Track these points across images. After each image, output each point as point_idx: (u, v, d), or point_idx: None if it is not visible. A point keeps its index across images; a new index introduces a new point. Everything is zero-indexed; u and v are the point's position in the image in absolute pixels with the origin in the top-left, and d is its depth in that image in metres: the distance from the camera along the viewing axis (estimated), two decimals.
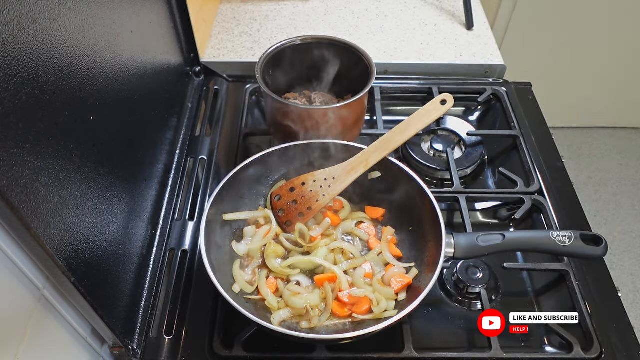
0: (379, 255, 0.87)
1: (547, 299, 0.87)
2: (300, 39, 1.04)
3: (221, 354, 0.77)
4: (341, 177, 0.88)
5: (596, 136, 2.62)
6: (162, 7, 1.00)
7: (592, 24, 2.19)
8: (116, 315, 0.72)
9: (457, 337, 0.84)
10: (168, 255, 0.90)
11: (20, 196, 0.49)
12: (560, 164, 1.07)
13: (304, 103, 1.08)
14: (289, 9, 1.43)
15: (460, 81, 1.24)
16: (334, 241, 0.88)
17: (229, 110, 1.16)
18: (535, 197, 0.98)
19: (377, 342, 0.79)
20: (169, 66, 1.05)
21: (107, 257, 0.70)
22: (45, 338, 0.63)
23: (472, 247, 0.76)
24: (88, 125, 0.66)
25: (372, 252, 0.87)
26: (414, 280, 0.82)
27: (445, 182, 1.06)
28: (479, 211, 1.02)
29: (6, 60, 0.47)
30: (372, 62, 0.99)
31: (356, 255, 0.87)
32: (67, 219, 0.59)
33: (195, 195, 1.00)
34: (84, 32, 0.65)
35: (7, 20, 0.48)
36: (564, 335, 0.80)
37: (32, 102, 0.52)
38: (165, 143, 1.00)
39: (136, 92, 0.84)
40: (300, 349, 0.78)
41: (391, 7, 1.45)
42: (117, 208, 0.74)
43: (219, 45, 1.31)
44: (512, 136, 1.10)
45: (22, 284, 0.58)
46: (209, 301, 0.83)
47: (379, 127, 1.11)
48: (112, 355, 0.77)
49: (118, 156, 0.76)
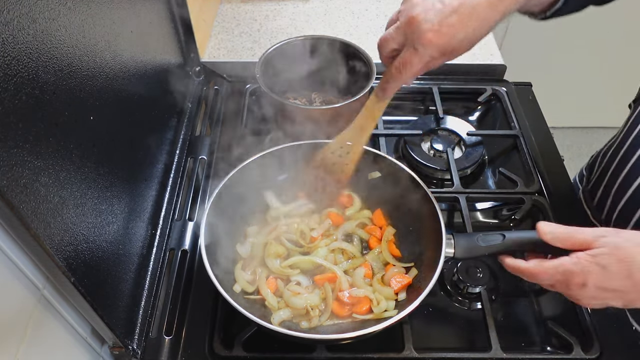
0: (379, 254, 0.87)
1: (548, 299, 0.87)
2: (300, 39, 1.04)
3: (221, 354, 0.77)
4: (354, 139, 0.85)
5: (596, 136, 2.62)
6: (162, 7, 1.00)
7: (592, 23, 2.19)
8: (116, 315, 0.72)
9: (457, 337, 0.84)
10: (168, 255, 0.90)
11: (20, 196, 0.49)
12: (560, 164, 1.07)
13: (304, 103, 1.08)
14: (289, 9, 1.43)
15: (460, 81, 1.24)
16: (334, 241, 0.88)
17: (229, 110, 1.16)
18: (535, 197, 0.98)
19: (377, 342, 0.79)
20: (169, 66, 1.05)
21: (107, 257, 0.70)
22: (45, 338, 0.63)
23: (472, 247, 0.76)
24: (88, 125, 0.66)
25: (372, 252, 0.87)
26: (414, 280, 0.82)
27: (445, 182, 1.06)
28: (479, 211, 1.02)
29: (6, 60, 0.47)
30: (372, 62, 0.99)
31: (356, 255, 0.87)
32: (67, 219, 0.59)
33: (195, 195, 1.00)
34: (84, 32, 0.65)
35: (7, 20, 0.48)
36: (564, 335, 0.80)
37: (32, 102, 0.52)
38: (165, 143, 1.00)
39: (136, 92, 0.84)
40: (300, 349, 0.78)
41: (391, 7, 1.45)
42: (117, 208, 0.74)
43: (219, 45, 1.31)
44: (512, 136, 1.10)
45: (22, 284, 0.58)
46: (209, 301, 0.83)
47: (379, 127, 1.11)
48: (112, 355, 0.77)
49: (118, 156, 0.76)
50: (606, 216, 0.92)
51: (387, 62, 0.72)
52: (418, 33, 0.64)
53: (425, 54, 0.65)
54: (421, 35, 0.64)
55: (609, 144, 0.98)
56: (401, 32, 0.67)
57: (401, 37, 0.67)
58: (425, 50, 0.65)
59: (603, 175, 0.94)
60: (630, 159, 0.85)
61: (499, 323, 0.82)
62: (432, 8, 0.64)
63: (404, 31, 0.67)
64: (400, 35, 0.67)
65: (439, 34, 0.64)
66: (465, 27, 0.64)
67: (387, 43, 0.70)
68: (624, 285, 0.61)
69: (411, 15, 0.65)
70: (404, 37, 0.67)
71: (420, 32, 0.64)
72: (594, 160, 1.04)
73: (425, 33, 0.63)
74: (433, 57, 0.66)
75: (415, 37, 0.64)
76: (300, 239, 0.88)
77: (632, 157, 0.84)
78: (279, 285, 0.83)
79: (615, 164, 0.90)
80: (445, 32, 0.64)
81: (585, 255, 0.63)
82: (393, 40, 0.69)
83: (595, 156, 1.05)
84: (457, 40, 0.65)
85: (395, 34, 0.68)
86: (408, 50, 0.66)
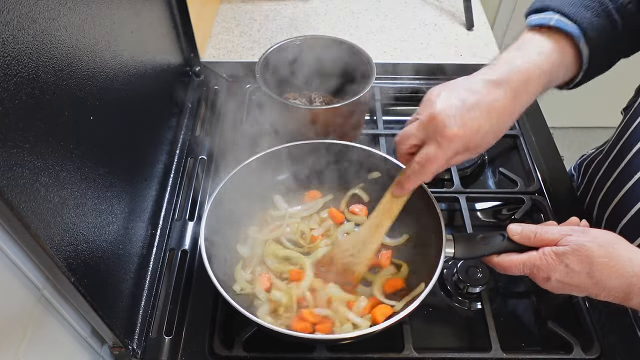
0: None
1: (548, 299, 0.87)
2: (300, 39, 1.04)
3: (221, 354, 0.77)
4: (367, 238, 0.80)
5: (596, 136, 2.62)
6: (162, 7, 0.99)
7: None
8: (116, 315, 0.72)
9: (457, 337, 0.84)
10: (168, 255, 0.90)
11: (20, 196, 0.49)
12: (560, 164, 1.07)
13: (304, 103, 1.08)
14: (289, 9, 1.43)
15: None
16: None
17: (229, 110, 1.16)
18: (535, 197, 0.98)
19: (377, 342, 0.79)
20: (169, 66, 1.05)
21: (107, 257, 0.70)
22: (45, 338, 0.63)
23: (472, 247, 0.76)
24: (88, 125, 0.66)
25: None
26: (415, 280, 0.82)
27: (445, 182, 1.06)
28: (479, 211, 1.02)
29: (6, 60, 0.47)
30: (372, 62, 0.99)
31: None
32: (67, 219, 0.59)
33: (195, 195, 1.00)
34: (84, 32, 0.65)
35: (7, 20, 0.47)
36: (564, 335, 0.80)
37: (32, 102, 0.52)
38: (165, 143, 1.00)
39: (136, 92, 0.84)
40: (300, 349, 0.78)
41: (391, 7, 1.45)
42: (117, 208, 0.74)
43: (219, 45, 1.31)
44: (512, 136, 1.10)
45: (22, 284, 0.58)
46: (209, 301, 0.83)
47: (379, 127, 1.11)
48: (112, 355, 0.77)
49: (118, 156, 0.76)
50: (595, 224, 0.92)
51: (405, 159, 0.72)
52: (442, 128, 0.65)
53: (449, 148, 0.66)
54: (445, 129, 0.64)
55: (599, 150, 0.98)
56: (422, 129, 0.67)
57: (422, 134, 0.68)
58: (449, 144, 0.65)
59: (591, 180, 0.95)
60: (616, 168, 0.85)
61: (499, 323, 0.81)
62: (453, 104, 0.65)
63: (425, 127, 0.67)
64: (422, 132, 0.68)
65: (463, 128, 0.65)
66: (489, 119, 0.66)
67: (407, 139, 0.69)
68: (585, 283, 0.65)
69: (433, 112, 0.65)
70: (425, 134, 0.67)
71: (444, 126, 0.64)
72: (582, 162, 1.04)
73: (449, 127, 0.64)
74: (457, 152, 0.67)
75: (439, 132, 0.65)
76: (301, 239, 0.88)
77: (619, 165, 0.85)
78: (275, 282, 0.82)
79: (603, 169, 0.90)
80: (470, 125, 0.65)
81: (550, 252, 0.67)
82: (414, 137, 0.69)
83: (584, 158, 1.05)
84: (482, 133, 0.66)
85: (416, 130, 0.68)
86: (431, 145, 0.67)
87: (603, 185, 0.89)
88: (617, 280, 0.63)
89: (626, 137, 0.83)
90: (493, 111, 0.66)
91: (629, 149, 0.81)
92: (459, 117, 0.64)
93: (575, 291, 0.68)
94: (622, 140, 0.84)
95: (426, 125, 0.67)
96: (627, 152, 0.82)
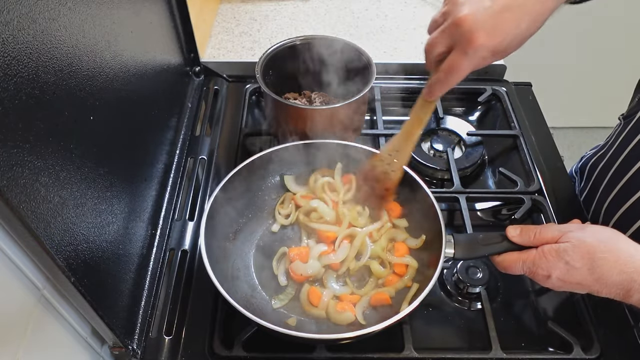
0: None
1: (548, 299, 0.87)
2: (301, 39, 1.04)
3: (221, 354, 0.77)
4: (402, 146, 0.83)
5: (596, 136, 2.62)
6: (162, 7, 1.00)
7: (592, 23, 2.19)
8: (116, 315, 0.72)
9: (457, 337, 0.84)
10: (168, 255, 0.90)
11: (20, 196, 0.49)
12: (560, 164, 1.07)
13: (304, 103, 1.08)
14: (289, 9, 1.43)
15: (460, 81, 1.24)
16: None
17: (229, 110, 1.16)
18: (535, 197, 0.98)
19: (377, 342, 0.79)
20: (169, 66, 1.05)
21: (107, 257, 0.70)
22: (45, 338, 0.63)
23: (472, 247, 0.76)
24: (88, 125, 0.66)
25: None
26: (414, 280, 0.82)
27: (445, 182, 1.06)
28: (479, 211, 1.02)
29: (6, 60, 0.47)
30: (372, 62, 0.99)
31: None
32: (67, 219, 0.59)
33: (195, 195, 1.00)
34: (84, 32, 0.65)
35: (7, 20, 0.48)
36: (564, 335, 0.80)
37: (32, 102, 0.52)
38: (165, 143, 1.00)
39: (136, 92, 0.84)
40: (300, 349, 0.78)
41: (391, 7, 1.45)
42: (117, 208, 0.74)
43: (219, 45, 1.31)
44: (512, 136, 1.10)
45: (22, 284, 0.58)
46: (209, 301, 0.83)
47: (379, 127, 1.11)
48: (112, 355, 0.77)
49: (118, 156, 0.76)
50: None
51: (434, 66, 0.69)
52: (468, 35, 0.61)
53: (475, 56, 0.62)
54: (472, 37, 0.60)
55: (600, 155, 0.98)
56: (448, 35, 0.64)
57: (448, 40, 0.64)
58: (475, 52, 0.62)
59: (595, 188, 0.95)
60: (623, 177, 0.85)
61: (499, 323, 0.81)
62: (481, 6, 0.60)
63: (451, 33, 0.63)
64: (447, 38, 0.64)
65: (491, 34, 0.60)
66: (519, 25, 0.61)
67: (434, 48, 0.66)
68: (586, 280, 0.65)
69: (459, 16, 0.61)
70: (451, 40, 0.64)
71: (470, 33, 0.60)
72: (584, 165, 1.04)
73: (475, 34, 0.60)
74: (484, 58, 0.63)
75: (465, 39, 0.61)
76: (329, 192, 0.92)
77: (625, 176, 0.85)
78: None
79: (608, 178, 0.90)
80: (500, 30, 0.61)
81: (550, 249, 0.67)
82: (440, 44, 0.65)
83: (585, 162, 1.05)
84: (510, 39, 0.62)
85: (442, 37, 0.65)
86: (456, 53, 0.63)
87: (608, 193, 0.89)
88: (619, 276, 0.63)
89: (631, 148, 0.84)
90: (525, 13, 0.61)
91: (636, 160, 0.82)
92: (489, 21, 0.60)
93: (576, 288, 0.68)
94: (627, 149, 0.85)
95: (451, 30, 0.63)
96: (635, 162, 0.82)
